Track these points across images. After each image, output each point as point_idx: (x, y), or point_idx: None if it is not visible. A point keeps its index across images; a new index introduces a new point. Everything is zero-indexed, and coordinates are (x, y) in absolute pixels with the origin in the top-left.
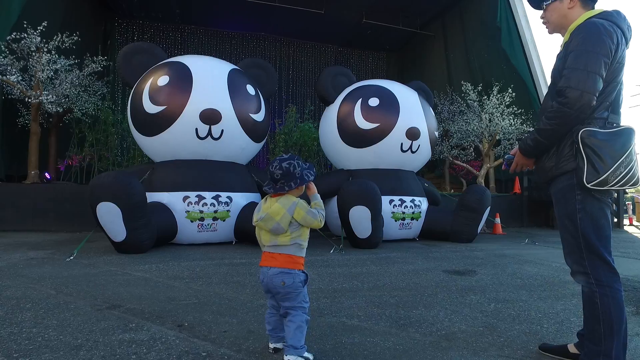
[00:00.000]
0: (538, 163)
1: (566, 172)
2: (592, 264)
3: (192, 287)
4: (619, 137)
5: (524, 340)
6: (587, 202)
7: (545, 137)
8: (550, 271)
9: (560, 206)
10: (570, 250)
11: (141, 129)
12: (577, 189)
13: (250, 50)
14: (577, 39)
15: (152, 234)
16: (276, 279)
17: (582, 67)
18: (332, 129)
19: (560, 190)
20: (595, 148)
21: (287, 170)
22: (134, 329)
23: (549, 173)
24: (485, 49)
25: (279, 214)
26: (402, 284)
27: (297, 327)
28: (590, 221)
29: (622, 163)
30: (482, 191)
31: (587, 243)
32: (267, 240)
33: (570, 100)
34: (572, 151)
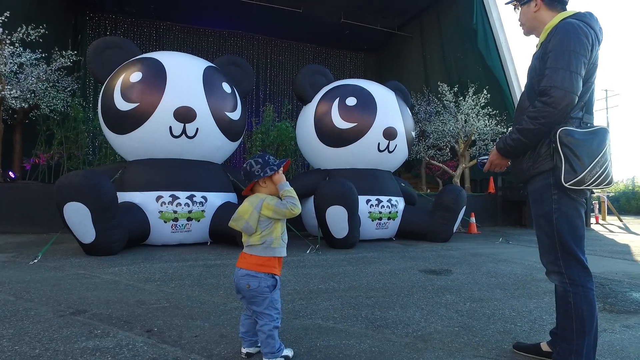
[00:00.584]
0: (514, 163)
1: (543, 171)
2: (567, 264)
3: (163, 289)
4: (595, 136)
5: (498, 340)
6: (563, 202)
7: (528, 137)
8: (524, 269)
9: (536, 206)
10: (545, 250)
11: (112, 127)
12: (554, 188)
13: (227, 48)
14: (555, 39)
15: (123, 235)
16: (242, 281)
17: (564, 66)
18: (309, 128)
19: (537, 190)
20: (573, 147)
21: (245, 169)
22: (99, 335)
23: (527, 173)
24: (461, 51)
25: (247, 212)
26: (378, 285)
27: (267, 336)
28: (566, 221)
29: (598, 162)
30: (457, 191)
31: (562, 243)
32: (244, 240)
33: (556, 100)
34: (550, 151)
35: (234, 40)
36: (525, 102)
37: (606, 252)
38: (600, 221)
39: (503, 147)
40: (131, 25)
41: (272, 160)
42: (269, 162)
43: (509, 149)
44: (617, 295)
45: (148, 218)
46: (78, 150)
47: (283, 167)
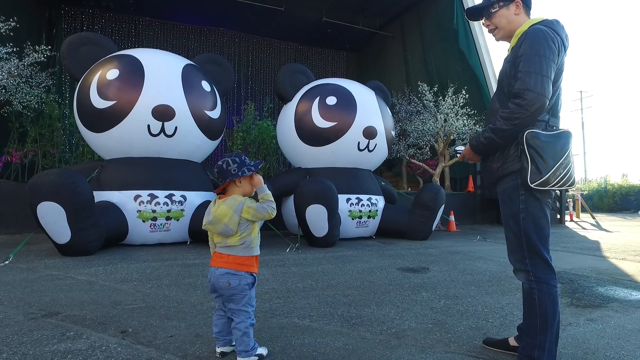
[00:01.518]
0: (484, 164)
1: (511, 172)
2: (533, 262)
3: (140, 290)
4: (559, 139)
5: (469, 336)
6: (530, 202)
7: (500, 136)
8: (498, 267)
9: (505, 206)
10: (512, 248)
11: (89, 125)
12: (521, 189)
13: (208, 46)
14: (527, 43)
15: (100, 235)
16: (222, 280)
17: (537, 70)
18: (290, 127)
19: (505, 190)
20: (539, 149)
21: (220, 167)
22: (72, 337)
23: (496, 173)
24: (441, 51)
25: (226, 215)
26: (356, 283)
27: (242, 334)
28: (532, 221)
29: (562, 164)
30: (436, 190)
31: (528, 242)
32: (218, 241)
33: (529, 102)
34: (517, 152)
35: (215, 37)
36: (495, 104)
37: (577, 249)
38: (574, 218)
39: (476, 144)
40: (109, 21)
41: (248, 161)
42: (245, 162)
43: (482, 146)
44: (584, 290)
45: (126, 217)
46: (53, 148)
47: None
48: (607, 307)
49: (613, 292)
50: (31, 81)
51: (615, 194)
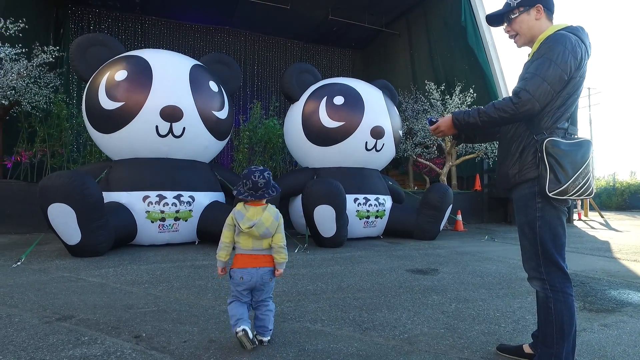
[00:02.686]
0: (500, 169)
1: (528, 179)
2: (548, 270)
3: (151, 292)
4: (579, 148)
5: (482, 341)
6: (546, 210)
7: (484, 121)
8: (508, 268)
9: (521, 213)
10: (528, 257)
11: (97, 126)
12: (538, 197)
13: (214, 44)
14: (544, 48)
15: (110, 236)
16: (266, 276)
17: (542, 75)
18: (297, 126)
19: (522, 197)
20: (558, 158)
21: (269, 179)
22: (87, 342)
23: (512, 180)
24: (448, 49)
25: (269, 220)
26: (366, 285)
27: (273, 314)
28: (549, 229)
29: (581, 174)
30: (444, 190)
31: (544, 250)
32: (249, 245)
33: (520, 102)
34: (535, 159)
35: (221, 36)
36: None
37: (587, 250)
38: (583, 217)
39: (459, 119)
40: (115, 20)
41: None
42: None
43: (464, 124)
44: (596, 294)
45: (135, 218)
46: (62, 148)
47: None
48: (622, 311)
49: (626, 295)
50: (40, 81)
51: (624, 192)
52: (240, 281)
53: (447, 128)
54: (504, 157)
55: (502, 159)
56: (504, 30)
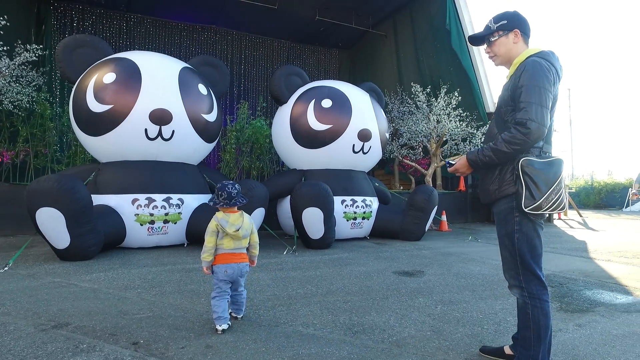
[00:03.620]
0: (482, 186)
1: (507, 195)
2: (526, 279)
3: (145, 298)
4: (552, 166)
5: (466, 343)
6: (524, 223)
7: (499, 157)
8: (491, 269)
9: (501, 226)
10: (508, 266)
11: (85, 129)
12: (516, 211)
13: (200, 43)
14: (526, 75)
15: (99, 240)
16: (244, 269)
17: (537, 101)
18: (285, 129)
19: (501, 212)
20: (532, 176)
21: (239, 190)
22: (86, 350)
23: (493, 195)
24: (433, 51)
25: (248, 224)
26: (354, 288)
27: (244, 298)
28: (526, 241)
29: (554, 190)
30: (429, 191)
31: (522, 261)
32: (231, 245)
33: (531, 132)
34: (513, 177)
35: (208, 35)
36: (494, 128)
37: (566, 250)
38: (562, 216)
39: (474, 160)
40: (99, 17)
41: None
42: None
43: (480, 164)
44: (572, 294)
45: (124, 221)
46: (45, 148)
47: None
48: (594, 311)
49: (600, 295)
50: (22, 80)
51: (601, 190)
52: (224, 274)
53: (464, 168)
54: (485, 174)
55: (484, 176)
56: (485, 51)
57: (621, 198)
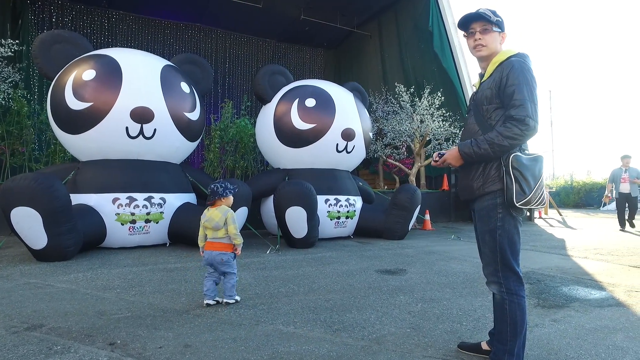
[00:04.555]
0: (463, 182)
1: (491, 192)
2: (505, 275)
3: (124, 298)
4: (537, 162)
5: (445, 340)
6: (506, 220)
7: (495, 151)
8: (472, 267)
9: (482, 223)
10: (487, 262)
11: (64, 126)
12: (499, 208)
13: (184, 41)
14: (515, 74)
15: (78, 239)
16: (218, 257)
17: (531, 99)
18: (269, 128)
19: (484, 208)
20: (522, 171)
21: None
22: (59, 352)
23: (476, 192)
24: (417, 51)
25: (217, 216)
26: (336, 287)
27: (231, 286)
28: (507, 237)
29: (539, 185)
30: (412, 190)
31: (502, 257)
32: (210, 234)
33: (529, 128)
34: (499, 173)
35: (192, 33)
36: (474, 126)
37: (545, 248)
38: (543, 215)
39: (468, 153)
40: (80, 13)
41: (230, 186)
42: (227, 187)
43: (475, 157)
44: (549, 291)
45: (104, 221)
46: (23, 147)
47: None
48: (570, 307)
49: (575, 291)
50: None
51: (580, 190)
52: (202, 258)
53: (454, 160)
54: (467, 171)
55: (465, 173)
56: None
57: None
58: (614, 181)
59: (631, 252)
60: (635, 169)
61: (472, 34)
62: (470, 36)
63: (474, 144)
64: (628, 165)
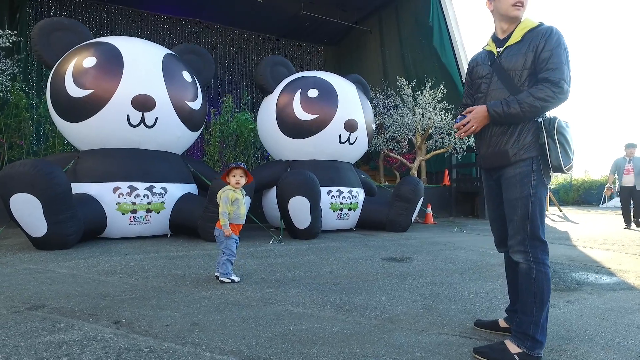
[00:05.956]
0: (493, 148)
1: (527, 158)
2: (532, 244)
3: (127, 282)
4: (570, 129)
5: (460, 319)
6: (539, 187)
7: (526, 112)
8: (479, 256)
9: (514, 190)
10: (515, 231)
11: (64, 114)
12: (534, 174)
13: (184, 36)
14: (553, 39)
15: (79, 227)
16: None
17: (568, 65)
18: (271, 119)
19: (517, 174)
20: (566, 135)
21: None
22: (63, 329)
23: (512, 158)
24: (418, 46)
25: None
26: (343, 272)
27: (222, 263)
28: (539, 205)
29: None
30: (416, 182)
31: (533, 224)
32: None
33: (564, 91)
34: (535, 139)
35: (192, 28)
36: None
37: (549, 239)
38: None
39: (498, 112)
40: (78, 7)
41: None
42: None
43: (504, 116)
44: (559, 276)
45: (104, 210)
46: (21, 140)
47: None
48: (582, 290)
49: (585, 277)
50: None
51: (579, 188)
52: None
53: (479, 120)
54: (499, 137)
55: (497, 140)
56: None
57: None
58: (616, 172)
59: (637, 243)
60: None
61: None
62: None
63: (504, 102)
64: (633, 155)
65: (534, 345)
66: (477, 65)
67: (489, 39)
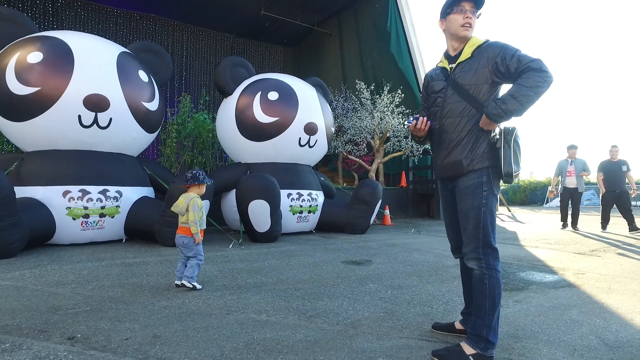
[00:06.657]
0: (447, 159)
1: (479, 169)
2: (485, 252)
3: (80, 292)
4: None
5: (419, 322)
6: (490, 197)
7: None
8: (435, 257)
9: (467, 200)
10: (469, 239)
11: (5, 113)
12: (485, 185)
13: (138, 32)
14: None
15: (23, 235)
16: (179, 240)
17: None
18: (230, 121)
19: (470, 186)
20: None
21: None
22: (9, 350)
23: (465, 168)
24: (377, 51)
25: (181, 202)
26: (304, 277)
27: (191, 267)
28: (490, 214)
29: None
30: (374, 185)
31: (484, 233)
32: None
33: (547, 75)
34: (489, 148)
35: (147, 24)
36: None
37: (500, 239)
38: None
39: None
40: None
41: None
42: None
43: (505, 114)
44: (509, 276)
45: (53, 215)
46: None
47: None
48: (528, 289)
49: (532, 276)
50: None
51: (526, 189)
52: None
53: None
54: (453, 147)
55: (451, 149)
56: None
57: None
58: (560, 174)
59: (574, 242)
60: (582, 160)
61: (463, 12)
62: (459, 12)
63: (499, 102)
64: (574, 156)
65: (487, 346)
66: (432, 80)
67: (442, 57)
